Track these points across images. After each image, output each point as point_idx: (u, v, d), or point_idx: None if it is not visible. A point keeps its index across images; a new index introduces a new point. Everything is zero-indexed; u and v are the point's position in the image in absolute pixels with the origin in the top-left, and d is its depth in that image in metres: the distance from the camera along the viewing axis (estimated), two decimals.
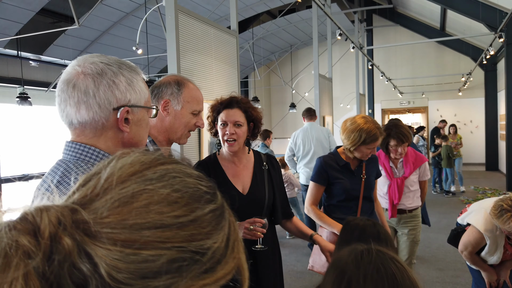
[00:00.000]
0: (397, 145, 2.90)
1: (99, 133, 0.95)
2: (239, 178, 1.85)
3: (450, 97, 15.36)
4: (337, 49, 13.88)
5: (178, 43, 2.98)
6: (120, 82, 0.94)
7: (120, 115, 0.94)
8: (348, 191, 2.39)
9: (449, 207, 7.50)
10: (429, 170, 5.06)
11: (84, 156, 0.94)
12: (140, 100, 0.99)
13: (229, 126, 1.77)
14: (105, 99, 0.92)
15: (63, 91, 0.93)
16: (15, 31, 7.88)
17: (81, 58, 0.96)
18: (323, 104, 7.17)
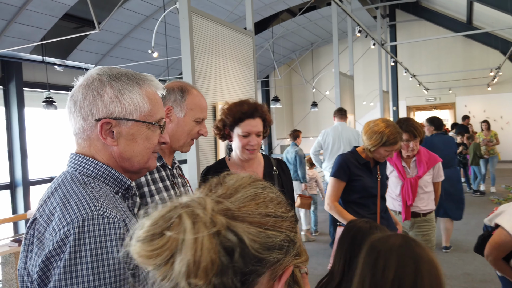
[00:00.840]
0: (408, 140, 2.83)
1: (87, 144, 0.95)
2: None
3: (478, 92, 14.84)
4: (360, 46, 13.62)
5: (192, 45, 2.95)
6: (105, 94, 0.93)
7: (99, 126, 0.93)
8: (367, 189, 2.44)
9: (478, 207, 7.22)
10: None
11: (82, 167, 0.94)
12: (129, 113, 0.94)
13: (253, 137, 1.74)
14: (87, 110, 0.92)
15: (68, 102, 0.97)
16: (40, 37, 8.08)
17: (89, 72, 0.98)
18: (345, 102, 7.02)
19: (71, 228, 0.79)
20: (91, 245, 0.79)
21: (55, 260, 0.78)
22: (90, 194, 0.86)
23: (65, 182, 0.91)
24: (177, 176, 1.52)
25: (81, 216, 0.81)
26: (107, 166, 0.94)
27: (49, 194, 0.90)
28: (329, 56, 15.77)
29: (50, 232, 0.82)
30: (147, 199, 1.35)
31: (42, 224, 0.85)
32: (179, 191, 1.48)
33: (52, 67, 9.61)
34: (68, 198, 0.86)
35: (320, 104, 14.84)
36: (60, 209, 0.83)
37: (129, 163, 0.97)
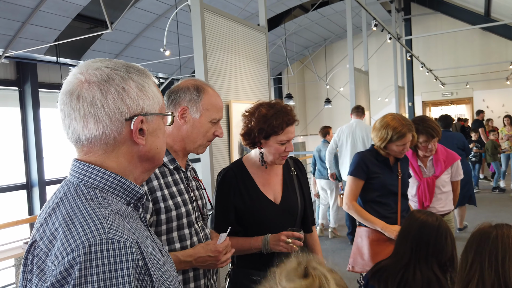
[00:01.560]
0: (426, 141, 2.69)
1: (110, 149, 0.83)
2: (269, 187, 1.72)
3: (497, 86, 14.45)
4: (374, 41, 13.39)
5: (205, 42, 2.88)
6: (131, 88, 0.82)
7: (134, 126, 0.82)
8: (386, 187, 2.36)
9: (499, 205, 7.02)
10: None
11: (87, 178, 0.82)
12: (154, 106, 0.87)
13: (290, 143, 1.67)
14: (115, 109, 0.80)
15: (66, 104, 0.81)
16: (54, 38, 8.13)
17: (83, 65, 0.84)
18: (360, 99, 6.88)
19: (76, 256, 0.68)
20: (99, 275, 0.68)
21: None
22: (97, 213, 0.75)
23: (68, 196, 0.80)
24: (191, 179, 1.45)
25: (88, 241, 0.70)
26: (116, 175, 0.83)
27: (50, 211, 0.78)
28: (342, 52, 15.56)
29: (52, 260, 0.71)
30: (160, 204, 1.28)
31: (42, 248, 0.74)
32: (194, 194, 1.41)
33: (67, 67, 9.68)
34: (73, 217, 0.74)
35: (334, 100, 14.66)
36: (64, 231, 0.72)
37: (151, 162, 0.89)
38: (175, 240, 1.30)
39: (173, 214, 1.29)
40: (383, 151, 2.39)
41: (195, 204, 1.39)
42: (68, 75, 0.88)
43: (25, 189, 9.03)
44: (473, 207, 5.78)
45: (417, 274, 1.48)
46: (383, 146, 2.35)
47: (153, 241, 0.88)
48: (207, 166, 2.93)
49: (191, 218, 1.35)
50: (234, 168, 1.77)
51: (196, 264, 1.28)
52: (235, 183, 1.69)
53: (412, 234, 1.57)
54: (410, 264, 1.53)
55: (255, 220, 1.67)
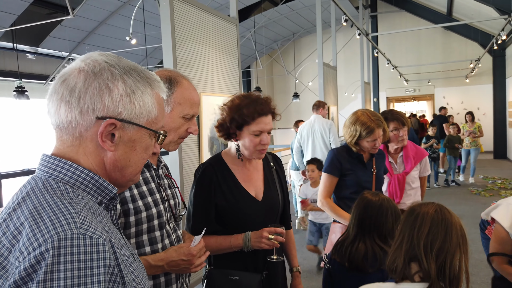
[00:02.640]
0: (397, 129, 2.73)
1: (76, 143, 0.78)
2: (251, 183, 1.66)
3: (456, 84, 15.04)
4: (341, 37, 13.54)
5: (174, 32, 2.76)
6: (116, 89, 0.77)
7: (102, 126, 0.76)
8: (360, 183, 2.36)
9: (458, 198, 7.30)
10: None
11: (58, 172, 0.76)
12: (138, 117, 0.80)
13: (265, 135, 1.59)
14: (89, 104, 0.76)
15: (54, 84, 0.79)
16: (10, 22, 7.66)
17: (90, 54, 0.81)
18: (328, 94, 6.93)
19: (44, 250, 0.62)
20: (66, 272, 0.62)
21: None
22: (68, 207, 0.70)
23: (35, 190, 0.73)
24: (163, 177, 1.34)
25: (57, 235, 0.64)
26: (89, 171, 0.78)
27: (14, 206, 0.72)
28: (311, 47, 15.67)
29: (16, 256, 0.64)
30: (129, 205, 1.17)
31: (5, 245, 0.67)
32: (166, 194, 1.31)
33: (24, 55, 9.16)
34: (40, 211, 0.68)
35: (302, 95, 14.76)
36: (30, 225, 0.66)
37: (120, 173, 0.83)
38: (145, 244, 1.20)
39: (143, 216, 1.19)
40: (355, 148, 2.38)
41: (167, 204, 1.29)
42: (25, 62, 0.79)
43: None
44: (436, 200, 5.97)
45: (361, 246, 1.71)
46: (354, 142, 2.35)
47: (125, 244, 0.82)
48: (176, 162, 2.82)
49: (163, 220, 1.25)
50: (214, 163, 1.67)
51: (168, 268, 1.19)
52: (216, 179, 1.61)
53: (358, 211, 1.76)
54: (357, 237, 1.74)
55: (236, 217, 1.60)
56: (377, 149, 2.39)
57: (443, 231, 1.22)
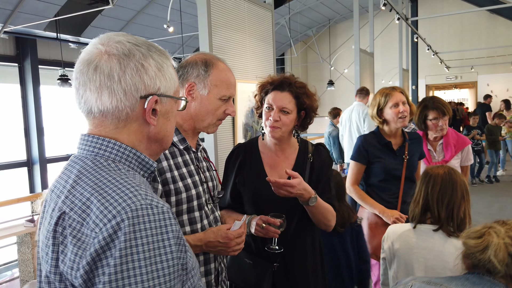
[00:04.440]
0: (437, 118, 2.63)
1: (122, 125, 0.81)
2: (276, 170, 1.62)
3: (502, 70, 14.28)
4: (378, 22, 13.14)
5: (210, 18, 2.79)
6: (150, 66, 0.81)
7: (148, 105, 0.81)
8: (388, 171, 2.33)
9: (500, 190, 7.00)
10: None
11: (103, 151, 0.80)
12: (170, 88, 0.86)
13: (275, 111, 1.54)
14: (131, 85, 0.79)
15: (83, 73, 0.80)
16: (53, 13, 7.97)
17: (105, 36, 0.83)
18: (364, 81, 6.78)
19: (120, 221, 0.68)
20: (142, 239, 0.67)
21: (103, 258, 0.67)
22: (128, 181, 0.75)
23: (87, 168, 0.78)
24: (202, 160, 1.39)
25: (129, 206, 0.69)
26: (131, 148, 0.82)
27: (72, 184, 0.76)
28: (346, 33, 15.32)
29: (91, 228, 0.69)
30: (170, 186, 1.23)
31: (75, 219, 0.72)
32: (204, 176, 1.35)
33: (67, 44, 9.53)
34: (103, 187, 0.73)
35: (337, 82, 14.51)
36: (98, 200, 0.71)
37: (159, 144, 0.88)
38: (185, 223, 1.26)
39: (183, 197, 1.24)
40: (380, 120, 2.38)
41: (206, 186, 1.33)
42: (68, 51, 0.83)
43: (26, 167, 9.01)
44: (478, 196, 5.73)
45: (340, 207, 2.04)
46: (376, 113, 2.38)
47: None
48: (211, 147, 2.88)
49: (202, 201, 1.29)
50: (246, 144, 1.70)
51: (206, 249, 1.23)
52: (242, 159, 1.63)
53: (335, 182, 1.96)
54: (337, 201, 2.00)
55: (252, 200, 1.60)
56: (405, 119, 2.32)
57: (450, 188, 1.56)
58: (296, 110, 1.57)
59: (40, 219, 0.85)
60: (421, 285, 1.19)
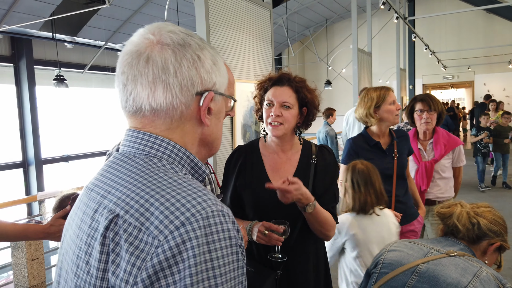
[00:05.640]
0: (422, 110, 2.67)
1: (175, 125, 0.71)
2: (278, 173, 1.55)
3: (499, 70, 14.32)
4: (375, 22, 13.14)
5: (208, 17, 2.75)
6: (206, 59, 0.71)
7: (204, 101, 0.71)
8: (380, 171, 2.23)
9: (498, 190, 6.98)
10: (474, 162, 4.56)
11: (155, 150, 0.70)
12: (223, 85, 0.76)
13: (276, 106, 1.48)
14: (188, 79, 0.69)
15: (132, 66, 0.69)
16: (49, 12, 7.90)
17: (154, 26, 0.72)
18: (362, 81, 6.76)
19: (190, 230, 0.58)
20: (217, 252, 0.59)
21: (169, 275, 0.57)
22: (192, 184, 0.66)
23: (140, 168, 0.68)
24: None
25: (199, 213, 0.60)
26: (185, 150, 0.72)
27: (124, 183, 0.66)
28: (344, 33, 15.31)
29: (153, 235, 0.59)
30: None
31: (131, 223, 0.61)
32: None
33: (62, 44, 9.46)
34: (164, 188, 0.63)
35: (334, 82, 14.50)
36: (161, 203, 0.61)
37: (209, 147, 0.78)
38: None
39: None
40: (375, 118, 2.32)
41: None
42: (64, 52, 0.75)
43: (21, 168, 8.93)
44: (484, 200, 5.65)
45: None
46: (372, 111, 2.31)
47: None
48: None
49: None
50: (247, 146, 1.64)
51: None
52: (243, 161, 1.58)
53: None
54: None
55: (253, 204, 1.53)
56: (398, 116, 2.36)
57: (368, 174, 1.93)
58: (297, 106, 1.52)
59: (67, 222, 0.75)
60: (399, 243, 1.37)
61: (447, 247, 1.30)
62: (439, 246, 1.31)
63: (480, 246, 1.32)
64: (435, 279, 1.18)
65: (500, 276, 1.19)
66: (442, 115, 2.72)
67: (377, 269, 1.32)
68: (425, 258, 1.25)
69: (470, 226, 1.31)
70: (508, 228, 1.40)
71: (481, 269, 1.19)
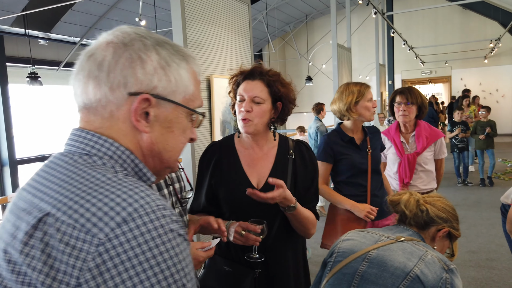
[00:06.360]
0: (400, 102, 2.72)
1: (107, 125, 0.68)
2: (255, 169, 1.51)
3: (475, 65, 14.63)
4: (355, 18, 13.23)
5: (184, 12, 2.67)
6: (149, 60, 0.68)
7: (135, 103, 0.67)
8: (355, 166, 2.33)
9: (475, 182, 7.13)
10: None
11: (96, 150, 0.67)
12: (174, 92, 0.71)
13: (246, 101, 1.43)
14: (120, 78, 0.66)
15: (80, 61, 0.70)
16: (21, 8, 7.63)
17: (118, 27, 0.72)
18: (342, 76, 6.77)
19: (134, 227, 0.55)
20: (159, 247, 0.56)
21: (120, 271, 0.54)
22: (133, 180, 0.63)
23: (78, 166, 0.64)
24: None
25: (142, 208, 0.57)
26: (130, 153, 0.69)
27: (58, 182, 0.62)
28: (324, 29, 15.36)
29: (92, 233, 0.55)
30: None
31: (64, 221, 0.56)
32: (169, 177, 1.22)
33: (36, 40, 9.17)
34: (102, 185, 0.60)
35: (315, 78, 14.54)
36: (99, 199, 0.58)
37: (158, 159, 0.73)
38: None
39: None
40: (352, 114, 2.31)
41: (172, 188, 1.21)
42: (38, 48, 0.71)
43: None
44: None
45: None
46: (351, 107, 2.30)
47: None
48: (187, 145, 2.77)
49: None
50: (222, 142, 1.59)
51: None
52: (217, 158, 1.52)
53: None
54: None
55: (230, 201, 1.49)
56: (374, 113, 2.38)
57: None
58: (270, 100, 1.46)
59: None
60: (353, 233, 1.40)
61: (397, 233, 1.35)
62: (389, 233, 1.35)
63: (429, 232, 1.37)
64: (383, 264, 1.22)
65: (445, 258, 1.24)
66: (422, 108, 2.73)
67: (332, 258, 1.35)
68: (376, 245, 1.29)
69: (419, 212, 1.36)
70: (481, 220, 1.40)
71: (427, 252, 1.23)
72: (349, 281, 1.25)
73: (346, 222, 2.31)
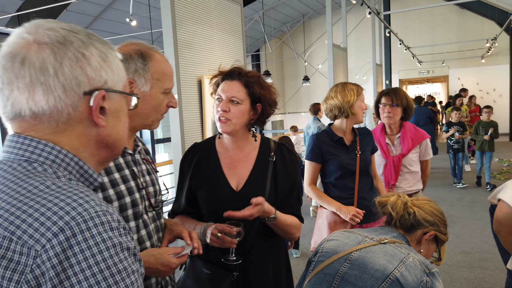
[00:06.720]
0: (385, 104, 2.71)
1: (61, 129, 0.66)
2: (235, 171, 1.49)
3: (472, 64, 14.63)
4: (352, 17, 13.22)
5: (174, 11, 2.66)
6: (92, 56, 0.67)
7: (94, 101, 0.67)
8: (344, 167, 2.31)
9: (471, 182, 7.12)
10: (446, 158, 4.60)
11: (37, 155, 0.65)
12: (118, 82, 0.72)
13: (223, 101, 1.42)
14: (72, 79, 0.64)
15: (6, 69, 0.64)
16: (15, 8, 7.61)
17: (32, 24, 0.67)
18: (338, 76, 6.76)
19: (70, 235, 0.54)
20: (103, 253, 0.56)
21: (62, 280, 0.53)
22: (74, 186, 0.62)
23: (16, 174, 0.62)
24: (141, 162, 1.23)
25: (80, 216, 0.56)
26: (73, 156, 0.68)
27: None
28: (321, 29, 15.36)
29: (28, 245, 0.54)
30: (99, 194, 1.07)
31: (0, 233, 0.56)
32: (143, 180, 1.19)
33: None
34: (40, 193, 0.59)
35: (312, 78, 14.53)
36: (36, 209, 0.57)
37: (110, 150, 0.74)
38: None
39: (115, 205, 1.08)
40: (340, 122, 2.33)
41: (144, 192, 1.18)
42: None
43: None
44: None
45: None
46: (353, 105, 2.28)
47: None
48: (178, 146, 2.75)
49: (139, 209, 1.14)
50: (203, 144, 1.58)
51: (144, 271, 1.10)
52: (198, 159, 1.51)
53: None
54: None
55: (208, 203, 1.47)
56: (364, 115, 2.39)
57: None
58: (249, 101, 1.44)
59: None
60: (338, 233, 1.40)
61: (382, 235, 1.34)
62: (373, 235, 1.35)
63: (415, 235, 1.36)
64: (364, 266, 1.21)
65: (427, 261, 1.22)
66: (408, 110, 2.72)
67: (316, 258, 1.35)
68: (358, 246, 1.28)
69: (406, 215, 1.35)
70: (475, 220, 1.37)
71: (409, 255, 1.21)
72: (329, 281, 1.25)
73: (332, 225, 2.28)
